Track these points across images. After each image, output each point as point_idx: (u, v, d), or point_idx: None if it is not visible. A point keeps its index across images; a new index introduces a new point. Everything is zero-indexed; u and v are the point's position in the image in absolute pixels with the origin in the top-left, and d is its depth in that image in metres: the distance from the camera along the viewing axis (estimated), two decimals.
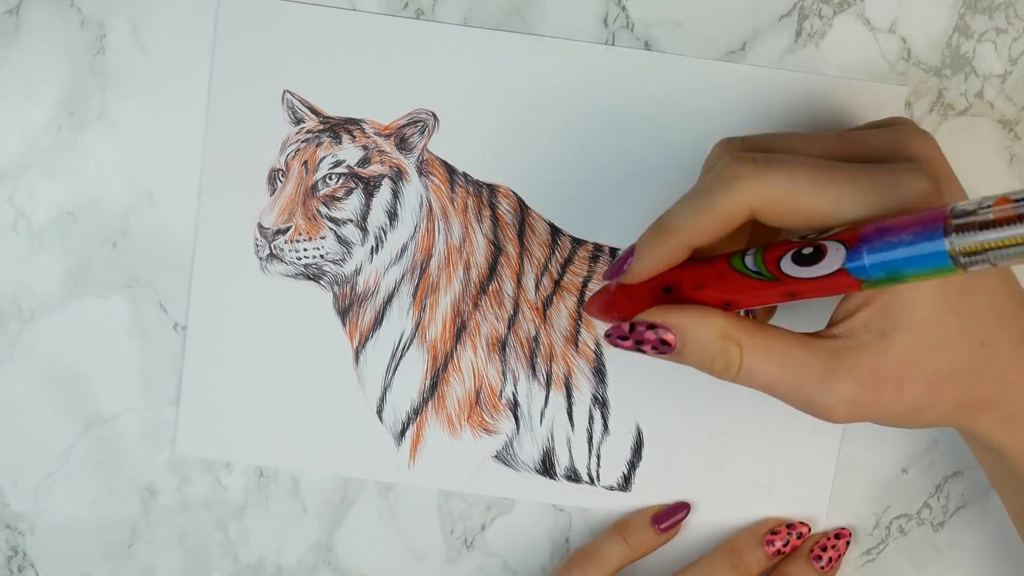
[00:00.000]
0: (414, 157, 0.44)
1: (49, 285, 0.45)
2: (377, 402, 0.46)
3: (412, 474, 0.46)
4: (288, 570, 0.47)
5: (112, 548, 0.47)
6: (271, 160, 0.44)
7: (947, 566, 0.47)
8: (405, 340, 0.45)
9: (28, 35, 0.44)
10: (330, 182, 0.44)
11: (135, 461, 0.47)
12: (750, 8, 0.44)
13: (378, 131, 0.44)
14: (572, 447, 0.46)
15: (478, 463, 0.46)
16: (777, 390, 0.35)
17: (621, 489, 0.46)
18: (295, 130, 0.44)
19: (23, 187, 0.45)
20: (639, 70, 0.44)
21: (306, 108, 0.44)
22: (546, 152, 0.44)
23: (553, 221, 0.45)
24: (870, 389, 0.34)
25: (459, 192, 0.45)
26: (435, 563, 0.47)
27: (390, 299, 0.45)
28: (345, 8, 0.44)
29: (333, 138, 0.44)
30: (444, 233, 0.45)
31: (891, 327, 0.34)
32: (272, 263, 0.45)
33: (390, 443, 0.46)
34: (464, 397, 0.46)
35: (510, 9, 0.44)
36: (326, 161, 0.44)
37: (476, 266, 0.45)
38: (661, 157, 0.44)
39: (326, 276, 0.45)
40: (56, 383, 0.46)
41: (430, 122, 0.44)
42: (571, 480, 0.46)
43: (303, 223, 0.44)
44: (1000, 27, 0.45)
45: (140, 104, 0.45)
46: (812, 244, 0.33)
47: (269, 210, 0.44)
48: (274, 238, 0.44)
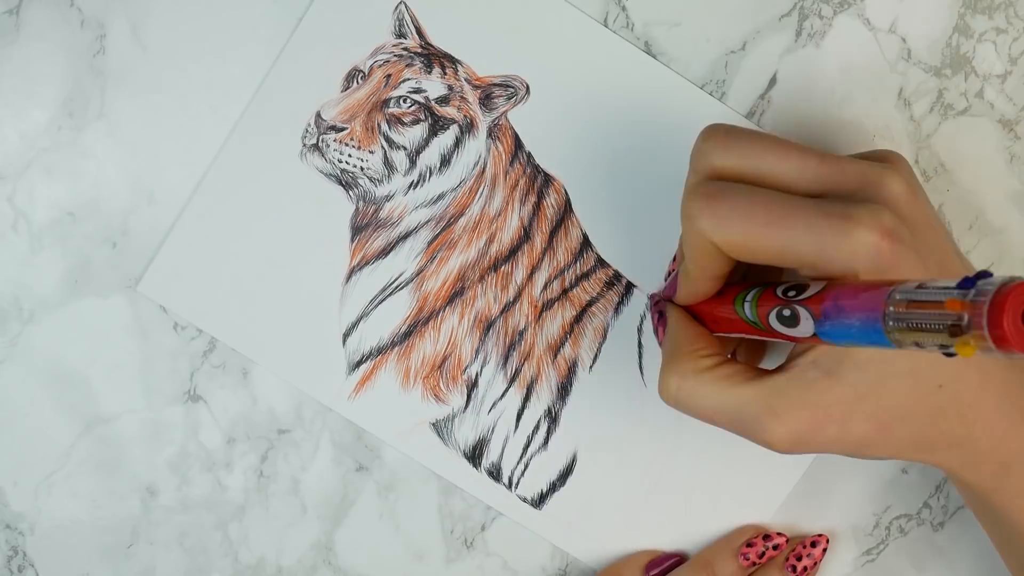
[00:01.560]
0: (491, 117, 0.44)
1: (49, 285, 0.45)
2: (348, 326, 0.45)
3: (348, 406, 0.45)
4: (288, 570, 0.47)
5: (112, 548, 0.47)
6: (358, 59, 0.44)
7: (947, 566, 0.47)
8: (401, 281, 0.45)
9: (28, 35, 0.44)
10: (403, 104, 0.44)
11: (135, 461, 0.47)
12: (750, 8, 0.44)
13: (469, 79, 0.44)
14: (507, 446, 0.46)
15: (413, 423, 0.46)
16: (717, 420, 0.36)
17: (533, 505, 0.46)
18: (393, 42, 0.44)
19: (23, 187, 0.45)
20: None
21: (413, 27, 0.44)
22: (612, 166, 0.44)
23: (588, 233, 0.45)
24: (811, 426, 0.34)
25: (516, 168, 0.44)
26: (435, 563, 0.47)
27: (406, 237, 0.45)
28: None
29: (425, 65, 0.44)
30: (485, 199, 0.45)
31: (837, 365, 0.34)
32: (313, 154, 0.44)
33: (342, 369, 0.45)
34: (430, 357, 0.45)
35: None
36: (409, 83, 0.44)
37: (498, 242, 0.45)
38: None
39: (357, 188, 0.44)
40: (56, 383, 0.46)
41: (521, 92, 0.44)
42: (491, 476, 0.46)
43: (360, 130, 0.44)
44: (1000, 27, 0.45)
45: (140, 104, 0.45)
46: (789, 306, 0.33)
47: (334, 104, 0.44)
48: (326, 132, 0.44)
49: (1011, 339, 0.24)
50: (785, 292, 0.33)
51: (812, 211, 0.33)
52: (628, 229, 0.45)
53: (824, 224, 0.32)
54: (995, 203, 0.45)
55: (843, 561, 0.47)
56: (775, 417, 0.34)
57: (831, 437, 0.34)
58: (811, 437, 0.34)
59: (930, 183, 0.45)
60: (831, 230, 0.32)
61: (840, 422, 0.34)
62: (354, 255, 0.45)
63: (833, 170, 0.35)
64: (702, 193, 0.34)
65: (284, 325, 0.45)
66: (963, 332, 0.25)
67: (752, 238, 0.33)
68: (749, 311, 0.35)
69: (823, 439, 0.34)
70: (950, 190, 0.45)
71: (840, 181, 0.34)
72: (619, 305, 0.45)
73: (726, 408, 0.35)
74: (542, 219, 0.45)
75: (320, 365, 0.45)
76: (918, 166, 0.45)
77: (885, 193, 0.34)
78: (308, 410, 0.46)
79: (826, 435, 0.34)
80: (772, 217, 0.33)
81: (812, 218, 0.32)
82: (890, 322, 0.27)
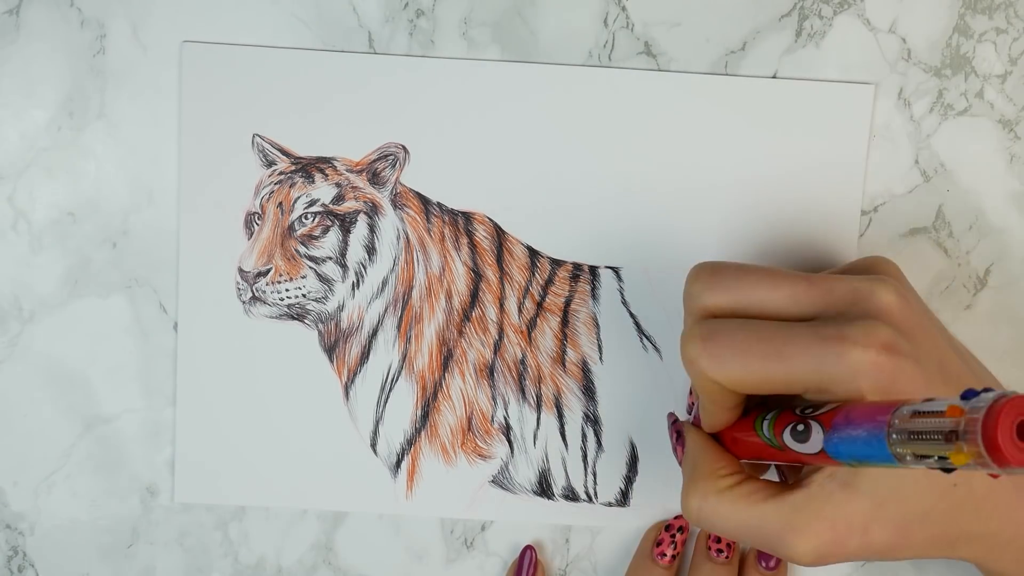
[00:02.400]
0: (387, 191, 0.45)
1: (49, 285, 0.45)
2: (370, 436, 0.46)
3: (410, 505, 0.46)
4: (288, 570, 0.47)
5: (112, 548, 0.47)
6: (246, 204, 0.45)
7: (947, 566, 0.47)
8: (393, 372, 0.46)
9: (28, 35, 0.44)
10: (306, 221, 0.45)
11: (135, 461, 0.47)
12: (750, 8, 0.44)
13: (350, 167, 0.45)
14: (568, 466, 0.46)
15: (475, 489, 0.46)
16: (741, 537, 0.36)
17: (619, 504, 0.46)
18: (267, 173, 0.45)
19: (23, 187, 0.45)
20: (599, 89, 0.44)
21: (276, 150, 0.44)
22: (517, 176, 0.45)
23: (531, 244, 0.45)
24: (833, 540, 0.34)
25: (435, 222, 0.45)
26: (435, 563, 0.47)
27: (375, 333, 0.45)
28: (303, 48, 0.44)
29: (306, 178, 0.45)
30: (423, 263, 0.45)
31: (854, 476, 0.34)
32: (255, 306, 0.45)
33: (386, 475, 0.46)
34: (456, 424, 0.46)
35: (510, 8, 0.44)
36: (300, 201, 0.45)
37: (458, 294, 0.45)
38: (629, 174, 0.45)
39: (310, 315, 0.45)
40: (56, 383, 0.46)
41: (400, 155, 0.44)
42: (569, 499, 0.46)
43: (283, 264, 0.45)
44: (1000, 27, 0.45)
45: (140, 104, 0.45)
46: (803, 421, 0.33)
47: (248, 254, 0.45)
48: (255, 281, 0.45)
49: (1004, 450, 0.25)
50: (803, 410, 0.33)
51: (808, 337, 0.33)
52: (561, 221, 0.45)
53: (820, 349, 0.33)
54: (995, 203, 0.45)
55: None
56: (797, 534, 0.34)
57: (854, 548, 0.34)
58: (834, 550, 0.34)
59: (930, 183, 0.45)
60: (828, 354, 0.33)
61: (861, 533, 0.34)
62: (340, 373, 0.46)
63: (823, 292, 0.35)
64: (697, 335, 0.35)
65: (315, 465, 0.46)
66: (958, 439, 0.26)
67: (752, 373, 0.34)
68: (767, 429, 0.35)
69: (846, 550, 0.34)
70: (950, 190, 0.45)
71: (831, 301, 0.35)
72: (594, 291, 0.46)
73: (748, 525, 0.35)
74: (483, 253, 0.45)
75: (365, 483, 0.46)
76: (918, 166, 0.45)
77: (877, 306, 0.34)
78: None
79: (849, 546, 0.34)
80: (768, 350, 0.33)
81: (808, 345, 0.33)
82: (893, 435, 0.28)
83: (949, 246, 0.45)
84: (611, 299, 0.46)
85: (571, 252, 0.45)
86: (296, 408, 0.46)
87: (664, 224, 0.45)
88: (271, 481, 0.46)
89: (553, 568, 0.47)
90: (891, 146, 0.45)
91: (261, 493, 0.46)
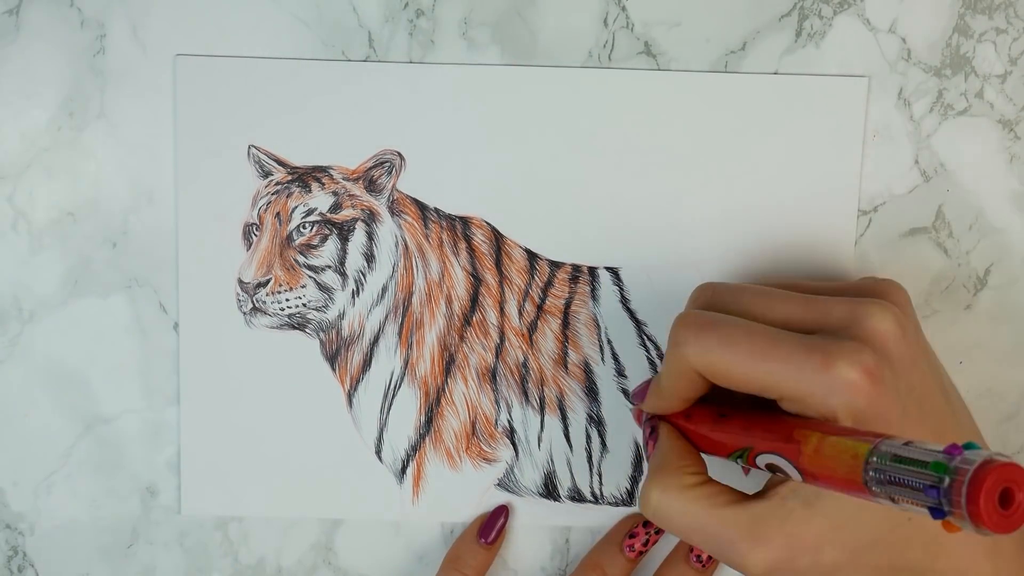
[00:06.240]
0: (384, 198, 0.45)
1: (49, 285, 0.45)
2: (375, 442, 0.46)
3: (417, 511, 0.46)
4: (288, 570, 0.47)
5: (112, 548, 0.47)
6: (244, 215, 0.45)
7: None
8: (396, 379, 0.46)
9: (28, 35, 0.44)
10: (304, 231, 0.45)
11: (135, 461, 0.47)
12: (750, 8, 0.44)
13: (346, 176, 0.45)
14: (573, 468, 0.46)
15: (481, 492, 0.46)
16: (694, 538, 0.36)
17: (625, 504, 0.47)
18: (264, 183, 0.45)
19: (23, 187, 0.45)
20: (596, 89, 0.44)
21: (272, 161, 0.44)
22: (513, 179, 0.45)
23: (529, 247, 0.45)
24: (788, 556, 0.34)
25: (432, 228, 0.45)
26: (436, 563, 0.47)
27: (376, 340, 0.45)
28: (297, 58, 0.44)
29: (302, 187, 0.45)
30: (422, 270, 0.45)
31: (816, 495, 0.34)
32: (256, 316, 0.45)
33: (392, 482, 0.46)
34: (460, 429, 0.46)
35: (509, 9, 0.44)
36: (298, 211, 0.45)
37: (458, 299, 0.45)
38: (625, 175, 0.45)
39: (311, 324, 0.45)
40: (56, 383, 0.46)
41: (396, 161, 0.44)
42: (575, 500, 0.47)
43: (282, 274, 0.45)
44: (1000, 27, 0.45)
45: (140, 104, 0.45)
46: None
47: (247, 265, 0.45)
48: (255, 292, 0.45)
49: (986, 518, 0.25)
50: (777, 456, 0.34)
51: (795, 345, 0.34)
52: (559, 222, 0.45)
53: (804, 359, 0.33)
54: (995, 203, 0.45)
55: None
56: (753, 544, 0.34)
57: (804, 566, 0.35)
58: (786, 566, 0.35)
59: (930, 183, 0.45)
60: (811, 365, 0.33)
61: (814, 552, 0.34)
62: (343, 380, 0.46)
63: (818, 312, 0.36)
64: (692, 322, 0.35)
65: (321, 473, 0.46)
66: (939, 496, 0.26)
67: (733, 367, 0.34)
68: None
69: (796, 567, 0.35)
70: (950, 190, 0.45)
71: (825, 322, 0.35)
72: (594, 292, 0.46)
73: (703, 527, 0.36)
74: (481, 257, 0.45)
75: (371, 490, 0.46)
76: (918, 166, 0.45)
77: (870, 330, 0.34)
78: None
79: (800, 564, 0.35)
80: (754, 348, 0.34)
81: (793, 352, 0.33)
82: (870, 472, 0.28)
83: (949, 246, 0.46)
84: (611, 301, 0.46)
85: (570, 254, 0.45)
86: (300, 417, 0.46)
87: (662, 224, 0.45)
88: (278, 491, 0.46)
89: (553, 568, 0.47)
90: (891, 146, 0.45)
91: (268, 503, 0.46)
